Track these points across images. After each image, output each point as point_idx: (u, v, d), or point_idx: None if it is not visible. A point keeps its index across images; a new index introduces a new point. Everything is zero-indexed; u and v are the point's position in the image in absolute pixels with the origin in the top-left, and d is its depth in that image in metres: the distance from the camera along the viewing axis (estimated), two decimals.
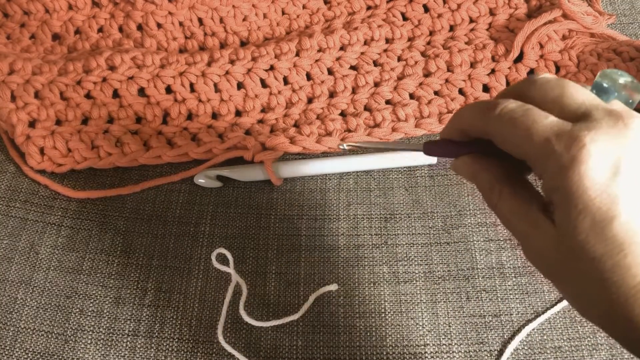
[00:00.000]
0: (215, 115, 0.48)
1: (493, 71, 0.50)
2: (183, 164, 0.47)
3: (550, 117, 0.23)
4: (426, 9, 0.54)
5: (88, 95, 0.47)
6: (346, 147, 0.33)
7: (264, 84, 0.50)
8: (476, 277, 0.42)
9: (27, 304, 0.41)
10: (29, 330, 0.40)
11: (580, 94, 0.24)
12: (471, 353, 0.39)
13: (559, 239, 0.23)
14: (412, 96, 0.49)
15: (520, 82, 0.26)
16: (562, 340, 0.40)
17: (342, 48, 0.51)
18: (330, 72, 0.51)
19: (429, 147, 0.29)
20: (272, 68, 0.50)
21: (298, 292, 0.42)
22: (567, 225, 0.22)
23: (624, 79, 0.25)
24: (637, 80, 0.25)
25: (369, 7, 0.55)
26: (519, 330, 0.40)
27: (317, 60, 0.50)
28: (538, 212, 0.24)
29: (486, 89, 0.50)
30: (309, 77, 0.50)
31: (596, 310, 0.23)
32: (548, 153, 0.22)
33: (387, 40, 0.53)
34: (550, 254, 0.23)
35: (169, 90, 0.49)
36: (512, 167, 0.26)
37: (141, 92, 0.48)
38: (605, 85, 0.25)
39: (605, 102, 0.24)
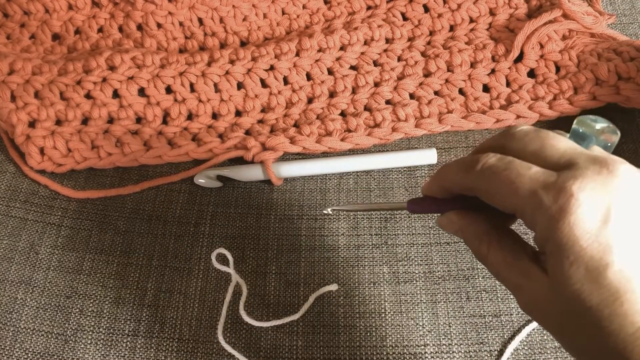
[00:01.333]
0: (215, 115, 0.48)
1: (493, 71, 0.50)
2: (183, 164, 0.47)
3: (533, 168, 0.23)
4: (426, 9, 0.54)
5: (88, 95, 0.47)
6: (330, 212, 0.33)
7: (264, 84, 0.50)
8: (476, 277, 0.42)
9: (27, 304, 0.41)
10: (29, 330, 0.40)
11: (562, 143, 0.23)
12: (471, 353, 0.39)
13: (553, 289, 0.23)
14: (412, 96, 0.49)
15: (497, 135, 0.26)
16: None
17: (342, 48, 0.51)
18: (330, 72, 0.50)
19: (413, 205, 0.29)
20: (272, 68, 0.50)
21: (298, 292, 0.42)
22: (561, 275, 0.22)
23: (599, 124, 0.25)
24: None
25: (369, 7, 0.55)
26: (519, 330, 0.40)
27: (317, 60, 0.50)
28: (529, 263, 0.24)
29: (486, 89, 0.50)
30: (309, 77, 0.50)
31: (594, 358, 0.23)
32: (536, 205, 0.22)
33: (387, 40, 0.53)
34: (545, 303, 0.23)
35: (169, 90, 0.49)
36: (497, 218, 0.26)
37: (141, 92, 0.48)
38: (582, 131, 0.25)
39: (585, 149, 0.24)
